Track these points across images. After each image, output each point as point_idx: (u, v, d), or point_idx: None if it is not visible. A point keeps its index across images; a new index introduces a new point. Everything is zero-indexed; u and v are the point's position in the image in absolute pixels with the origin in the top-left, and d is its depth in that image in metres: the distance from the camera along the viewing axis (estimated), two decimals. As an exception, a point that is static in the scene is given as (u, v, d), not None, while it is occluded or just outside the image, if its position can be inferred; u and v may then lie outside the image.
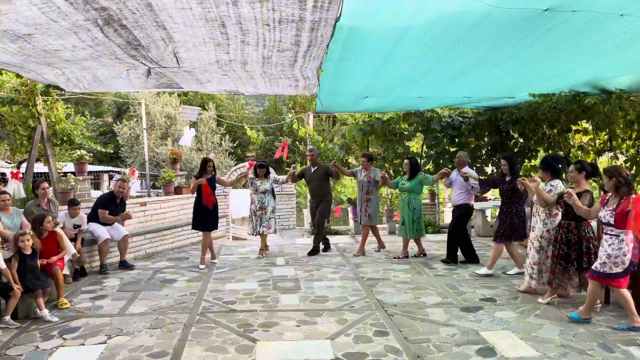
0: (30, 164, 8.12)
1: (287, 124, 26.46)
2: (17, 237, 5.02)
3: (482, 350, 4.04)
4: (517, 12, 4.11)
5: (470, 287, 6.01)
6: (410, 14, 4.23)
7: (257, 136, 11.84)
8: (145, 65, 5.98)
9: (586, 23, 4.41)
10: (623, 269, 4.45)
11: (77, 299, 5.66)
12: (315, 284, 6.25)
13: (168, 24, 4.71)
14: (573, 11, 4.07)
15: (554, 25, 4.47)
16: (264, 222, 7.91)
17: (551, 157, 5.77)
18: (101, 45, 5.07)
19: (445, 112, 10.57)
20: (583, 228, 5.12)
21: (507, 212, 6.51)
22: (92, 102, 30.42)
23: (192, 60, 5.84)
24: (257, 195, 7.97)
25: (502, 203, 6.66)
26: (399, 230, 7.96)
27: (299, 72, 6.19)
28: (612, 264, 4.49)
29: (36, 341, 4.36)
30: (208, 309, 5.23)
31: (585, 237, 5.11)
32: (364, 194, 8.06)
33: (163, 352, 4.06)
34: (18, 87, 7.90)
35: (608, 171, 4.65)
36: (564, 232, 5.18)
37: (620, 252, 4.46)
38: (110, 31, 4.68)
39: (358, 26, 4.48)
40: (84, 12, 4.12)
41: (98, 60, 5.65)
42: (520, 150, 9.89)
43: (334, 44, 4.88)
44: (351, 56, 5.43)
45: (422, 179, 7.61)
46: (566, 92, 7.58)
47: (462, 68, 6.16)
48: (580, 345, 4.13)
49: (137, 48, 5.30)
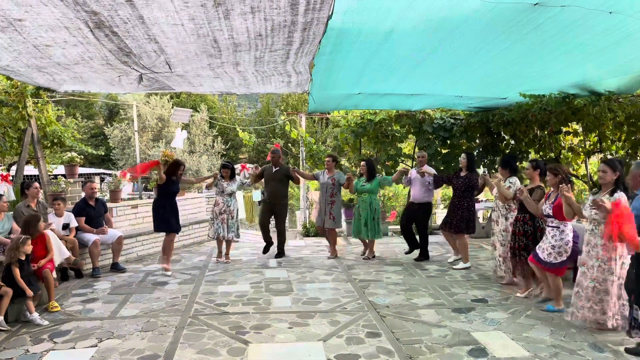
0: (20, 166, 8.05)
1: (280, 126, 26.45)
2: (18, 243, 4.96)
3: (473, 350, 4.06)
4: (507, 6, 4.11)
5: (462, 288, 6.04)
6: (400, 9, 4.25)
7: (249, 138, 11.82)
8: (137, 71, 5.96)
9: (575, 20, 4.42)
10: (566, 257, 5.00)
11: (68, 302, 5.62)
12: (308, 285, 6.25)
13: (160, 38, 4.74)
14: (562, 6, 4.08)
15: (543, 21, 4.47)
16: (232, 228, 7.71)
17: (509, 157, 6.67)
18: (92, 46, 5.00)
19: (437, 114, 10.61)
20: (537, 220, 5.56)
21: (459, 206, 6.99)
22: (83, 105, 30.22)
23: (184, 65, 5.84)
24: (222, 197, 7.70)
25: (454, 196, 7.16)
26: (353, 231, 7.93)
27: (292, 68, 6.19)
28: (556, 254, 5.02)
29: (26, 345, 4.32)
30: (200, 312, 5.21)
31: (539, 227, 5.55)
32: (328, 197, 7.85)
33: (154, 355, 4.04)
34: (8, 89, 7.83)
35: (554, 169, 5.16)
36: (521, 225, 5.64)
37: (563, 242, 5.01)
38: (101, 35, 4.63)
39: (350, 22, 4.49)
40: (74, 12, 4.08)
41: (89, 65, 5.61)
42: (512, 152, 9.95)
43: (326, 39, 4.89)
44: (342, 49, 5.42)
45: (381, 180, 7.81)
46: (556, 94, 7.64)
47: (452, 63, 6.14)
48: (570, 345, 4.16)
49: (129, 55, 5.30)
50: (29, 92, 7.78)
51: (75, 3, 3.88)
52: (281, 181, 8.02)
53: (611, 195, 4.33)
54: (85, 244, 6.91)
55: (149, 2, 3.90)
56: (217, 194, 7.81)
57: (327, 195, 7.88)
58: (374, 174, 7.77)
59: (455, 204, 7.08)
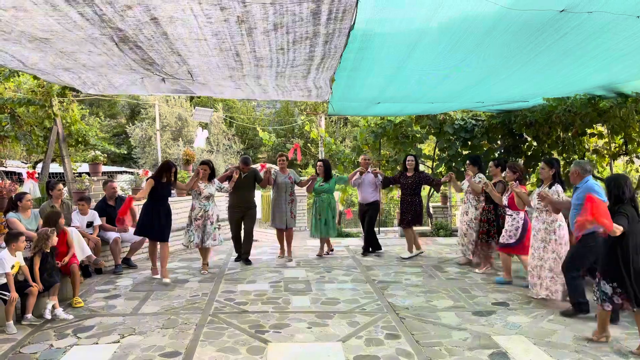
0: (46, 164, 8.23)
1: (299, 126, 26.51)
2: (43, 235, 5.08)
3: (494, 355, 4.02)
4: (532, 15, 4.05)
5: (483, 291, 5.97)
6: (423, 20, 4.18)
7: (269, 138, 11.87)
8: (160, 75, 6.07)
9: (602, 27, 4.34)
10: (515, 240, 6.11)
11: (91, 298, 5.72)
12: (327, 286, 6.25)
13: (183, 51, 4.85)
14: (589, 12, 4.00)
15: (569, 30, 4.40)
16: (210, 234, 6.83)
17: (476, 156, 7.84)
18: (116, 57, 5.15)
19: (458, 115, 10.50)
20: (499, 209, 6.66)
21: (412, 202, 7.83)
22: (105, 104, 30.69)
23: (206, 75, 5.94)
24: (199, 201, 6.81)
25: (406, 195, 7.90)
26: (314, 231, 7.96)
27: (312, 83, 6.21)
28: (507, 236, 6.17)
29: (51, 339, 4.41)
30: (220, 310, 5.26)
31: (501, 215, 6.62)
32: (288, 196, 7.71)
33: (175, 352, 4.09)
34: (35, 88, 8.01)
35: (512, 167, 6.24)
36: (486, 213, 6.83)
37: (513, 227, 6.13)
38: (125, 48, 4.76)
39: (371, 34, 4.45)
40: (100, 28, 4.16)
41: (114, 68, 5.74)
42: (534, 154, 9.80)
43: (348, 53, 4.86)
44: (364, 66, 5.41)
45: (337, 179, 8.02)
46: (581, 96, 7.50)
47: (476, 78, 6.11)
48: (594, 351, 4.08)
49: (152, 64, 5.41)
50: (55, 92, 7.95)
51: (101, 20, 3.96)
52: (249, 186, 7.55)
53: (550, 187, 5.35)
54: (106, 241, 7.03)
55: (173, 20, 3.96)
56: (193, 197, 6.92)
57: (286, 195, 7.71)
58: (330, 173, 7.93)
59: (409, 201, 7.83)
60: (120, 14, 3.83)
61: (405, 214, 7.85)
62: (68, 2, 3.62)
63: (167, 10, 3.77)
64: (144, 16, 3.87)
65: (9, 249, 4.77)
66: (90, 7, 3.70)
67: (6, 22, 4.15)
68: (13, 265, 4.73)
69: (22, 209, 5.95)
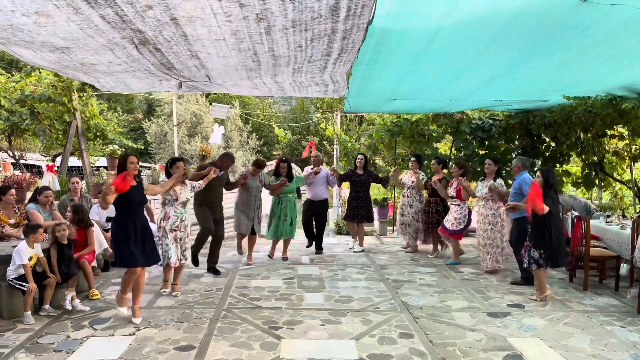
0: (65, 157, 8.36)
1: (315, 123, 26.51)
2: (54, 227, 5.15)
3: (509, 357, 3.98)
4: (553, 4, 3.94)
5: (498, 292, 5.91)
6: (441, 15, 4.14)
7: (284, 135, 11.86)
8: (177, 79, 6.12)
9: (625, 22, 4.22)
10: (463, 226, 7.28)
11: (107, 291, 5.80)
12: (340, 283, 6.25)
13: (202, 54, 4.89)
14: (612, 5, 3.89)
15: (590, 24, 4.29)
16: (186, 249, 5.73)
17: (419, 155, 8.72)
18: (136, 62, 5.21)
19: (475, 114, 10.39)
20: (444, 201, 7.75)
21: (365, 199, 8.38)
22: (123, 99, 31.01)
23: (223, 77, 5.99)
24: (174, 208, 5.56)
25: (355, 191, 8.39)
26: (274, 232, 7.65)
27: (329, 77, 6.20)
28: (457, 223, 7.26)
29: (67, 330, 4.48)
30: (234, 305, 5.29)
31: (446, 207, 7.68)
32: (258, 200, 7.39)
33: (189, 346, 4.12)
34: (55, 82, 8.13)
35: (459, 163, 7.28)
36: (434, 205, 7.92)
37: (461, 215, 7.27)
38: (145, 51, 4.80)
39: (389, 29, 4.42)
40: (120, 30, 4.18)
41: (132, 74, 5.81)
42: (552, 155, 9.67)
43: (365, 47, 4.84)
44: (381, 59, 5.39)
45: (297, 179, 7.95)
46: (602, 96, 7.37)
47: (493, 73, 6.04)
48: (611, 355, 4.02)
49: (171, 69, 5.47)
50: (75, 87, 8.05)
51: (122, 21, 3.99)
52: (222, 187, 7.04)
53: (494, 181, 6.59)
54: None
55: (193, 19, 3.97)
56: (167, 203, 5.58)
57: (257, 200, 7.36)
58: (292, 174, 7.76)
59: (362, 197, 8.36)
60: (140, 14, 3.84)
61: (358, 209, 8.33)
62: (90, 4, 3.63)
63: (186, 9, 3.78)
64: (163, 16, 3.89)
65: (27, 241, 4.85)
66: (112, 8, 3.72)
67: (28, 32, 4.20)
68: (31, 257, 4.81)
69: (41, 203, 6.04)
